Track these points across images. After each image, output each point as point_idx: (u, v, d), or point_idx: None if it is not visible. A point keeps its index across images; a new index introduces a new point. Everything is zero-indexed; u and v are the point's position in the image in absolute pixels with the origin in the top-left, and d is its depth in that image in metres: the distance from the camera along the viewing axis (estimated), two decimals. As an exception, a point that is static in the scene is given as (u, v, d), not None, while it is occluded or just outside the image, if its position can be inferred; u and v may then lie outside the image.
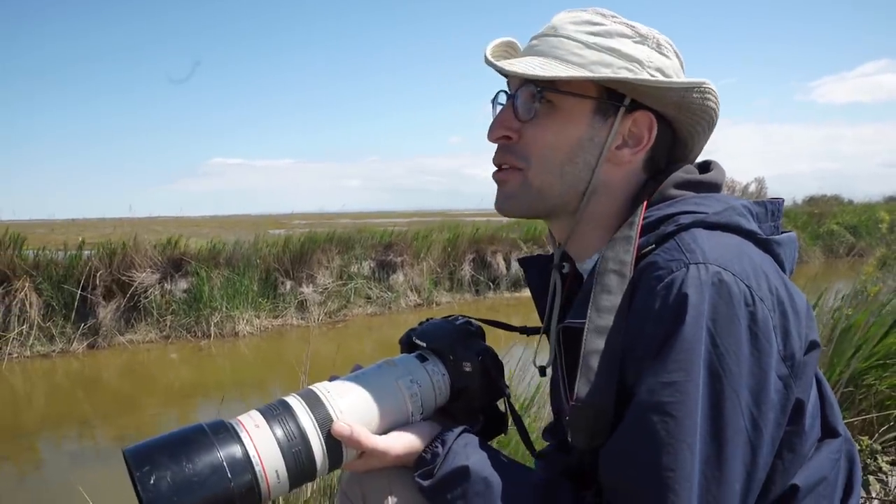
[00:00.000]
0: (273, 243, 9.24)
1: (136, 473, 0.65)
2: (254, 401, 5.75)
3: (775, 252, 0.79)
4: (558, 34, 0.84)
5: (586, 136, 0.84)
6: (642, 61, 0.83)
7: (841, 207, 18.76)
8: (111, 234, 8.37)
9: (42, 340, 7.17)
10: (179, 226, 12.44)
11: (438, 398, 0.88)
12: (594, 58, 0.82)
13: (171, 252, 8.17)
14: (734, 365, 0.68)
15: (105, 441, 5.00)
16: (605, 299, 0.75)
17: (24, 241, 7.58)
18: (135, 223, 10.17)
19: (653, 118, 0.84)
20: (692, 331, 0.67)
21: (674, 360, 0.68)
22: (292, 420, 0.76)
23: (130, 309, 7.72)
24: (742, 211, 0.80)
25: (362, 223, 13.36)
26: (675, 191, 0.83)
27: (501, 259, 11.02)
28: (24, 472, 4.41)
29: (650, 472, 0.66)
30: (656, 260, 0.73)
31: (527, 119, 0.84)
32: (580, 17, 0.86)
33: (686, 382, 0.67)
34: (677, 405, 0.66)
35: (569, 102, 0.83)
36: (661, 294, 0.70)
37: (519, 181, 0.87)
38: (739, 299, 0.69)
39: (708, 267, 0.69)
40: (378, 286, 9.68)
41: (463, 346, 0.89)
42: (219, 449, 0.70)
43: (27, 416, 5.71)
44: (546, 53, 0.84)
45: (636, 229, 0.78)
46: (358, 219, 25.36)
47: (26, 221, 20.07)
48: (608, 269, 0.77)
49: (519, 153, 0.86)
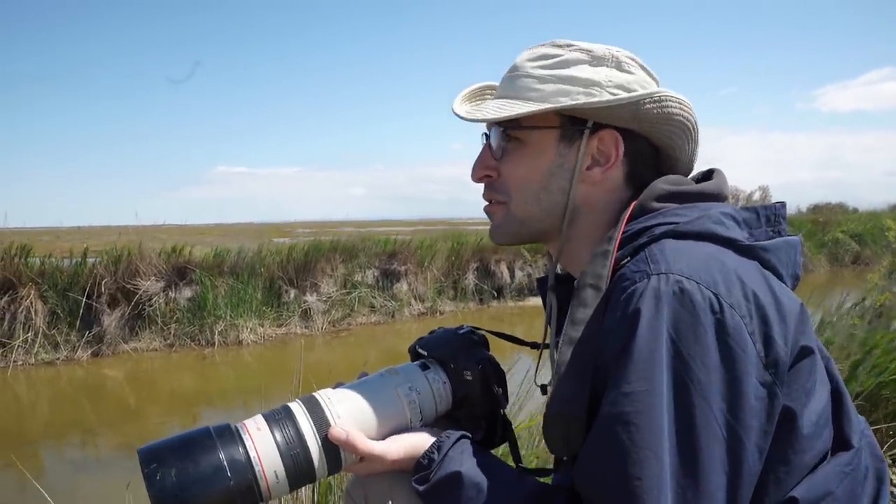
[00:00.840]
0: (277, 252, 9.26)
1: (145, 470, 0.72)
2: (257, 409, 5.74)
3: (762, 258, 0.78)
4: (518, 73, 0.89)
5: (555, 163, 0.88)
6: (601, 83, 0.85)
7: (846, 216, 18.71)
8: (116, 241, 8.39)
9: (47, 348, 7.18)
10: (184, 234, 12.48)
11: (439, 406, 0.91)
12: (551, 90, 0.86)
13: (176, 260, 8.19)
14: (702, 373, 0.67)
15: (108, 449, 5.00)
16: (579, 312, 0.77)
17: (31, 249, 7.61)
18: (140, 231, 10.20)
19: (617, 135, 0.87)
20: (647, 340, 0.68)
21: (633, 371, 0.68)
22: (292, 424, 0.81)
23: (135, 317, 7.74)
24: (718, 218, 0.79)
25: (366, 231, 13.39)
26: (656, 203, 0.84)
27: (505, 268, 11.02)
28: (27, 479, 4.41)
29: (618, 481, 0.67)
30: (624, 272, 0.75)
31: (499, 158, 0.91)
32: (537, 53, 0.90)
33: (647, 392, 0.67)
34: (639, 414, 0.67)
35: (534, 136, 0.88)
36: (622, 305, 0.72)
37: (503, 213, 0.93)
38: (704, 307, 0.69)
39: (669, 276, 0.70)
40: (382, 295, 9.68)
41: (464, 354, 0.92)
42: (221, 450, 0.76)
43: (31, 423, 5.71)
44: (509, 94, 0.89)
45: (614, 243, 0.80)
46: (361, 227, 25.41)
47: (32, 229, 20.18)
48: (586, 284, 0.79)
49: (500, 189, 0.92)
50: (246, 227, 30.59)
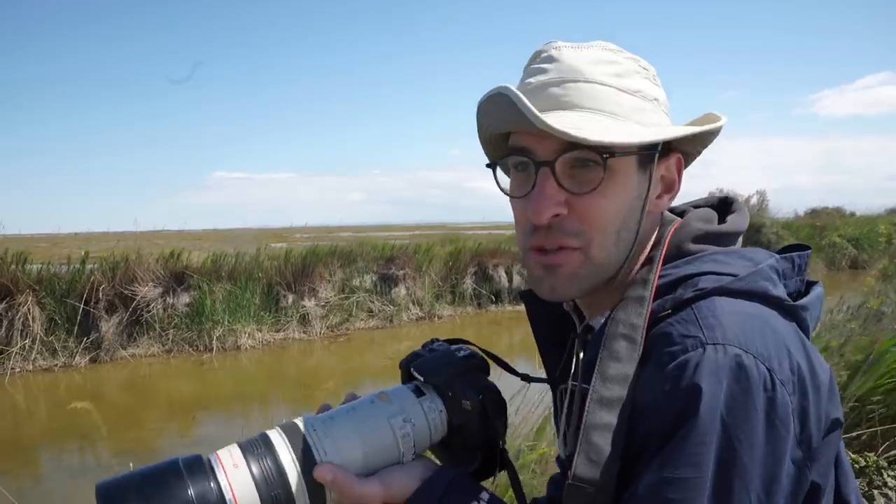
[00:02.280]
0: (275, 257, 9.26)
1: None
2: (255, 414, 5.74)
3: (801, 317, 0.73)
4: (588, 79, 0.74)
5: (636, 194, 0.75)
6: (658, 99, 0.77)
7: (843, 220, 18.77)
8: (115, 247, 8.39)
9: (45, 354, 7.17)
10: (182, 239, 12.48)
11: (433, 436, 0.84)
12: (631, 104, 0.74)
13: (174, 266, 8.19)
14: (747, 456, 0.63)
15: (106, 455, 4.99)
16: (612, 367, 0.69)
17: (28, 256, 7.61)
18: (138, 237, 10.19)
19: (682, 160, 0.79)
20: (706, 424, 0.62)
21: (683, 455, 0.63)
22: (272, 458, 0.72)
23: (133, 323, 7.73)
24: (769, 274, 0.73)
25: (364, 236, 13.38)
26: (693, 245, 0.76)
27: (503, 272, 11.02)
28: (24, 485, 4.40)
29: None
30: (670, 332, 0.67)
31: (585, 191, 0.73)
32: (598, 57, 0.75)
33: (695, 479, 0.62)
34: (683, 503, 0.62)
35: (621, 163, 0.73)
36: (672, 375, 0.64)
37: (579, 261, 0.75)
38: (758, 385, 0.63)
39: (727, 349, 0.64)
40: (380, 300, 9.68)
41: (464, 381, 0.84)
42: (191, 487, 0.66)
43: (29, 429, 5.71)
44: (587, 106, 0.73)
45: (650, 290, 0.72)
46: (359, 232, 25.37)
47: (29, 235, 20.14)
48: (617, 334, 0.70)
49: (575, 230, 0.74)
50: (244, 233, 30.55)
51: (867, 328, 3.00)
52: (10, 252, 7.45)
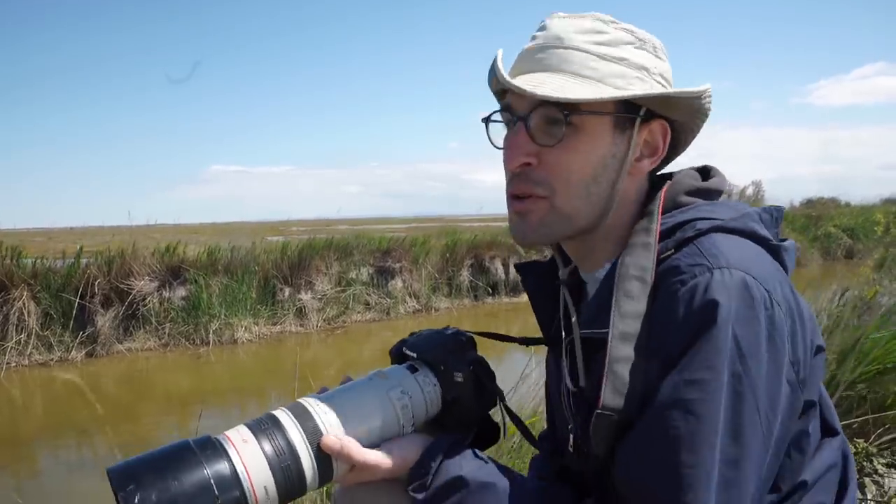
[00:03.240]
0: (271, 250, 9.24)
1: (121, 493, 0.64)
2: (252, 408, 5.75)
3: (782, 258, 0.80)
4: (566, 45, 0.80)
5: (609, 153, 0.81)
6: (649, 69, 0.81)
7: (838, 210, 18.78)
8: (110, 241, 8.36)
9: (40, 349, 7.15)
10: (178, 233, 12.44)
11: (430, 409, 0.87)
12: (608, 70, 0.79)
13: (170, 259, 8.16)
14: (755, 368, 0.68)
15: (103, 450, 4.98)
16: (628, 304, 0.74)
17: (23, 250, 7.57)
18: (134, 231, 10.16)
19: (667, 126, 0.84)
20: (721, 333, 0.68)
21: (700, 360, 0.68)
22: (281, 434, 0.74)
23: (129, 317, 7.71)
24: (756, 217, 0.81)
25: (361, 229, 13.37)
26: (686, 198, 0.84)
27: (500, 264, 11.03)
28: (21, 481, 4.40)
29: (668, 468, 0.67)
30: (678, 265, 0.73)
31: (550, 144, 0.79)
32: (584, 26, 0.81)
33: (712, 381, 0.67)
34: (701, 403, 0.67)
35: (591, 122, 0.79)
36: (685, 298, 0.70)
37: (545, 209, 0.82)
38: (760, 303, 0.69)
39: (732, 271, 0.70)
40: (377, 292, 9.68)
41: (454, 356, 0.88)
42: (206, 466, 0.68)
43: (25, 424, 5.70)
44: (558, 68, 0.79)
45: (654, 236, 0.78)
46: (356, 225, 25.34)
47: (25, 230, 20.07)
48: (630, 275, 0.76)
49: (541, 180, 0.81)
50: (240, 226, 30.50)
51: (862, 317, 3.01)
52: (5, 246, 7.41)
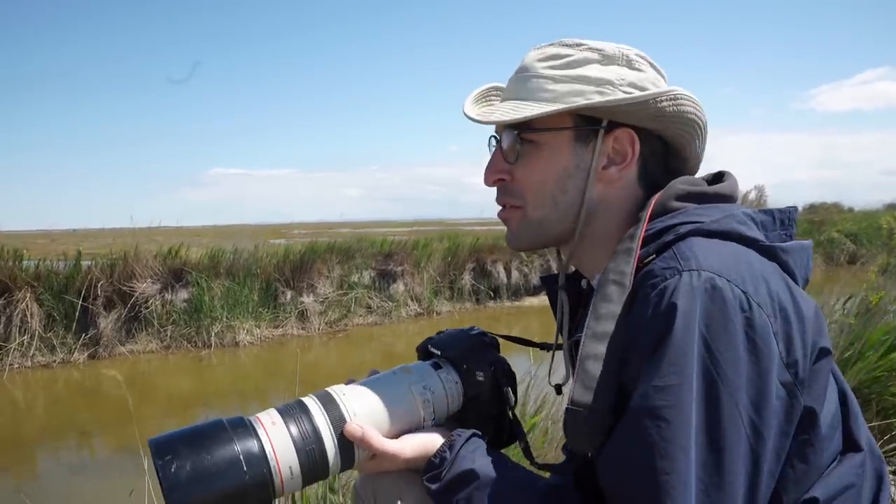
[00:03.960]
0: (273, 253, 9.25)
1: (158, 462, 0.69)
2: (253, 411, 5.73)
3: (781, 259, 0.79)
4: (528, 74, 0.88)
5: (571, 164, 0.87)
6: (613, 81, 0.85)
7: (841, 215, 18.75)
8: (112, 244, 8.37)
9: (43, 351, 7.16)
10: (180, 235, 12.45)
11: (451, 405, 0.91)
12: (564, 90, 0.84)
13: (172, 262, 8.17)
14: (731, 371, 0.68)
15: (105, 452, 4.99)
16: (602, 307, 0.76)
17: (25, 253, 7.59)
18: (136, 233, 10.17)
19: (633, 134, 0.86)
20: (682, 336, 0.68)
21: (666, 365, 0.68)
22: (307, 419, 0.79)
23: (131, 319, 7.72)
24: (742, 218, 0.80)
25: (362, 232, 13.38)
26: (676, 203, 0.84)
27: (502, 268, 11.02)
28: (23, 482, 4.40)
29: (645, 475, 0.67)
30: (652, 269, 0.74)
31: (513, 161, 0.89)
32: (546, 53, 0.88)
33: (679, 386, 0.67)
34: (670, 409, 0.67)
35: (547, 137, 0.87)
36: (653, 301, 0.71)
37: (519, 218, 0.91)
38: (734, 304, 0.69)
39: (701, 273, 0.70)
40: (378, 296, 9.67)
41: (477, 355, 0.92)
42: (236, 443, 0.73)
43: (28, 426, 5.70)
44: (520, 95, 0.88)
45: (637, 241, 0.79)
46: (357, 228, 25.36)
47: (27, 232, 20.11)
48: (608, 280, 0.78)
49: (514, 192, 0.90)
50: (242, 229, 30.53)
51: (867, 323, 3.00)
52: (8, 248, 7.43)
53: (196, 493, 0.69)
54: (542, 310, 10.28)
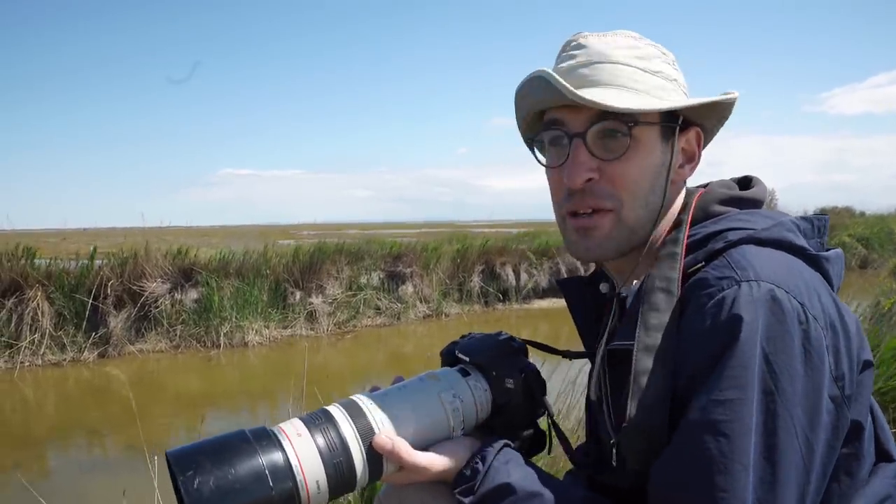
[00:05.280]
0: (282, 254, 9.27)
1: (180, 477, 0.65)
2: (262, 411, 5.75)
3: (824, 269, 0.77)
4: (611, 61, 0.81)
5: (660, 162, 0.83)
6: (678, 80, 0.84)
7: (853, 219, 18.60)
8: (122, 243, 8.42)
9: (53, 349, 7.20)
10: (189, 235, 12.51)
11: (480, 414, 0.87)
12: (652, 83, 0.81)
13: (182, 262, 8.21)
14: (787, 384, 0.66)
15: (114, 450, 5.01)
16: (653, 317, 0.74)
17: (36, 251, 7.64)
18: (146, 232, 10.23)
19: (701, 133, 0.86)
20: (747, 349, 0.66)
21: (727, 378, 0.66)
22: (334, 430, 0.75)
23: (141, 318, 7.75)
24: (791, 227, 0.78)
25: (371, 234, 13.39)
26: (719, 207, 0.83)
27: (511, 270, 11.00)
28: (34, 480, 4.42)
29: (703, 492, 0.65)
30: (706, 277, 0.72)
31: (613, 157, 0.80)
32: (620, 43, 0.82)
33: (740, 401, 0.65)
34: (731, 424, 0.65)
35: (646, 132, 0.81)
36: (711, 312, 0.69)
37: (612, 223, 0.82)
38: (793, 317, 0.67)
39: (760, 284, 0.68)
40: (387, 297, 9.68)
41: (506, 362, 0.88)
42: (261, 455, 0.70)
43: (38, 424, 5.73)
44: (609, 82, 0.80)
45: (681, 246, 0.77)
46: (366, 229, 25.41)
47: (37, 231, 20.28)
48: (655, 288, 0.76)
49: (606, 193, 0.81)
50: (251, 229, 30.65)
51: (882, 328, 2.96)
52: (20, 246, 7.48)
53: None
54: (551, 313, 10.25)
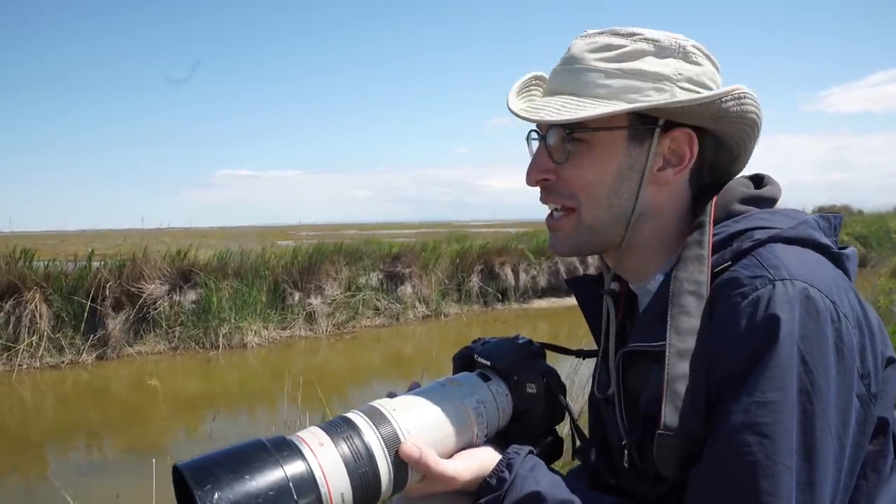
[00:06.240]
0: (281, 255, 9.26)
1: (198, 492, 0.60)
2: (261, 412, 5.74)
3: (846, 266, 0.77)
4: (578, 66, 0.82)
5: (625, 165, 0.81)
6: (670, 76, 0.79)
7: (851, 218, 18.63)
8: (121, 245, 8.41)
9: (52, 351, 7.18)
10: (188, 237, 12.49)
11: (501, 420, 0.85)
12: (619, 86, 0.79)
13: (180, 263, 8.19)
14: (823, 384, 0.65)
15: (113, 453, 5.00)
16: (684, 321, 0.72)
17: (35, 253, 7.62)
18: (144, 234, 10.21)
19: (692, 134, 0.82)
20: (786, 349, 0.65)
21: (768, 379, 0.65)
22: (358, 438, 0.71)
23: (139, 320, 7.74)
24: (815, 225, 0.78)
25: (370, 234, 13.38)
26: (740, 206, 0.81)
27: (510, 270, 11.00)
28: (32, 483, 4.41)
29: (748, 496, 0.64)
30: (737, 276, 0.71)
31: (561, 161, 0.83)
32: (597, 43, 0.82)
33: (782, 403, 0.65)
34: (774, 426, 0.64)
35: (601, 137, 0.81)
36: (747, 311, 0.68)
37: (573, 223, 0.85)
38: (826, 316, 0.67)
39: (794, 283, 0.67)
40: (386, 298, 9.67)
41: (527, 366, 0.87)
42: (283, 467, 0.65)
43: (36, 426, 5.72)
44: (569, 90, 0.82)
45: (707, 248, 0.76)
46: (365, 230, 25.40)
47: (36, 232, 20.27)
48: (684, 290, 0.74)
49: (564, 192, 0.85)
50: (250, 230, 30.64)
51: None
52: (18, 248, 7.47)
53: None
54: (550, 312, 10.25)
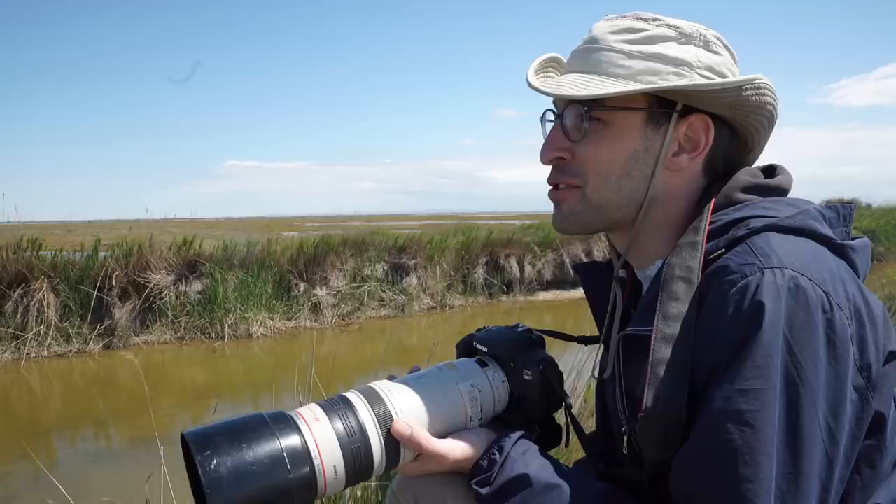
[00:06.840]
0: (287, 246, 9.28)
1: (198, 457, 0.64)
2: (266, 402, 5.77)
3: (850, 258, 0.76)
4: (599, 46, 0.82)
5: (640, 147, 0.82)
6: (691, 63, 0.80)
7: (860, 212, 18.52)
8: (127, 235, 8.44)
9: (59, 340, 7.23)
10: (194, 227, 12.53)
11: (497, 405, 0.87)
12: (640, 67, 0.80)
13: (186, 254, 8.22)
14: (811, 374, 0.65)
15: (120, 441, 5.03)
16: (672, 307, 0.73)
17: (42, 243, 7.66)
18: (151, 224, 10.25)
19: (709, 121, 0.82)
20: (770, 337, 0.65)
21: (751, 367, 0.65)
22: (352, 415, 0.75)
23: (146, 310, 7.78)
24: (816, 215, 0.77)
25: (375, 225, 13.38)
26: (741, 195, 0.81)
27: (515, 262, 10.98)
28: (40, 470, 4.45)
29: (728, 482, 0.64)
30: (728, 264, 0.71)
31: (577, 139, 0.83)
32: (620, 26, 0.83)
33: (764, 391, 0.65)
34: (756, 414, 0.64)
35: (618, 117, 0.81)
36: (734, 299, 0.68)
37: (577, 199, 0.85)
38: (817, 305, 0.66)
39: (784, 271, 0.67)
40: (391, 289, 9.68)
41: (524, 354, 0.88)
42: (279, 439, 0.69)
43: (44, 415, 5.76)
44: (590, 69, 0.82)
45: (702, 235, 0.76)
46: (371, 221, 25.43)
47: (43, 222, 20.37)
48: (675, 276, 0.74)
49: (574, 171, 0.85)
50: (256, 221, 30.71)
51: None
52: (26, 238, 7.51)
53: (238, 492, 0.65)
54: (555, 305, 10.24)
